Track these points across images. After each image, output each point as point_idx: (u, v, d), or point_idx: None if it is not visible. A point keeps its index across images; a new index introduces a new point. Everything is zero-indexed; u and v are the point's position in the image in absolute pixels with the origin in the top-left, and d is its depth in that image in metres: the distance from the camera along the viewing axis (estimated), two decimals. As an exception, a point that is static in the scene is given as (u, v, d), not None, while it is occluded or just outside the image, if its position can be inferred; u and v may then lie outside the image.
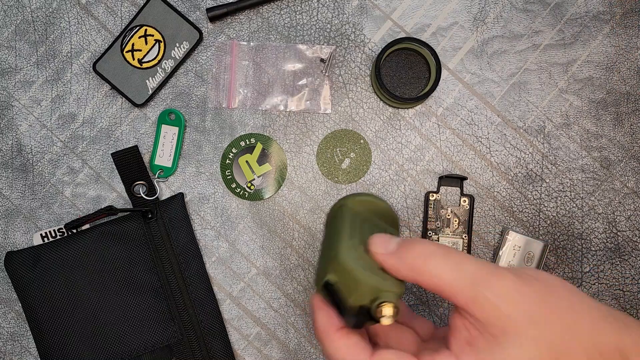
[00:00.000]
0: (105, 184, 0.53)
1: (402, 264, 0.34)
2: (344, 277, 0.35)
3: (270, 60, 0.53)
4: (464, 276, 0.33)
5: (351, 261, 0.35)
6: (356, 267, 0.35)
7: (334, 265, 0.35)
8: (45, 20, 0.54)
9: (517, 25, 0.53)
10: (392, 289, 0.34)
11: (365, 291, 0.34)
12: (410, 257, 0.34)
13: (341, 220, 0.38)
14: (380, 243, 0.36)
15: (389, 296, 0.34)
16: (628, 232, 0.52)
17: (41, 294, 0.50)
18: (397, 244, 0.35)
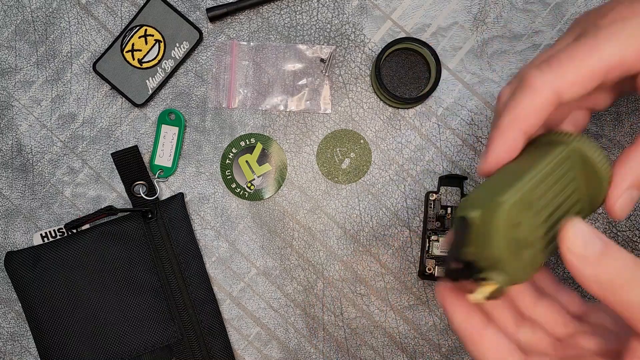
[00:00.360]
0: (105, 184, 0.53)
1: (594, 281, 0.28)
2: (485, 227, 0.29)
3: (270, 60, 0.53)
4: None
5: (506, 219, 0.29)
6: (503, 230, 0.29)
7: (489, 207, 0.29)
8: (45, 20, 0.54)
9: (517, 25, 0.53)
10: (510, 274, 0.29)
11: (486, 256, 0.29)
12: (610, 275, 0.28)
13: (550, 163, 0.32)
14: (580, 241, 0.29)
15: (499, 279, 0.29)
16: (628, 232, 0.52)
17: (41, 294, 0.50)
18: (601, 251, 0.28)
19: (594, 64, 0.32)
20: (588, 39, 0.32)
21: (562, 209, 0.32)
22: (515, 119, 0.32)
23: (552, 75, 0.32)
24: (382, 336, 0.52)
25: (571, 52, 0.32)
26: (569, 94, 0.32)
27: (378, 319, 0.52)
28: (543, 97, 0.32)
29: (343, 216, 0.53)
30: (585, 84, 0.32)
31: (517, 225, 0.29)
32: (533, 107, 0.32)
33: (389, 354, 0.52)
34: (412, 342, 0.52)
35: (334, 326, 0.53)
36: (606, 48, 0.31)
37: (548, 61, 0.33)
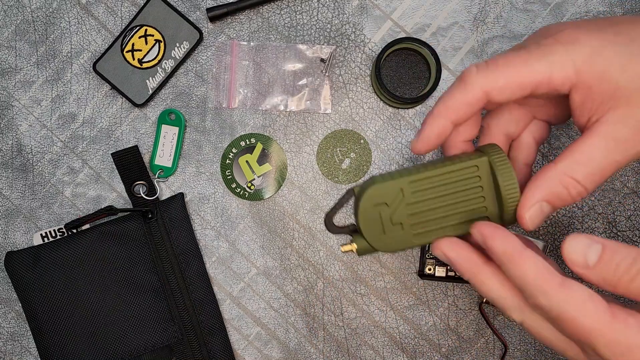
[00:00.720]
0: (105, 184, 0.53)
1: (603, 284, 0.31)
2: (357, 200, 0.37)
3: (271, 60, 0.53)
4: None
5: (368, 198, 0.37)
6: (364, 205, 0.37)
7: (364, 186, 0.38)
8: (45, 20, 0.54)
9: (517, 25, 0.53)
10: (370, 240, 0.37)
11: (356, 221, 0.38)
12: (614, 278, 0.31)
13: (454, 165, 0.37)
14: (577, 254, 0.32)
15: (358, 241, 0.38)
16: (628, 232, 0.52)
17: (41, 294, 0.50)
18: (598, 255, 0.31)
19: (523, 76, 0.35)
20: (525, 53, 0.35)
21: (456, 207, 0.37)
22: (446, 109, 0.36)
23: (485, 77, 0.35)
24: (382, 336, 0.52)
25: (508, 60, 0.35)
26: (497, 97, 0.36)
27: (378, 319, 0.52)
28: (473, 93, 0.36)
29: (343, 216, 0.53)
30: (514, 91, 0.35)
31: (381, 204, 0.37)
32: (463, 100, 0.36)
33: (389, 354, 0.52)
34: (412, 342, 0.52)
35: (334, 326, 0.53)
36: (536, 64, 0.35)
37: (487, 62, 0.36)
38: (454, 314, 0.52)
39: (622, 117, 0.34)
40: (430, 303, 0.52)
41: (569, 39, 0.35)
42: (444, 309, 0.52)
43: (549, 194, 0.35)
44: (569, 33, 0.35)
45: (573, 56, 0.34)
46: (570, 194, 0.35)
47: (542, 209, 0.36)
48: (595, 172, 0.35)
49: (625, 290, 0.31)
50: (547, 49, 0.35)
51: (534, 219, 0.36)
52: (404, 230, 0.37)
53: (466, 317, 0.52)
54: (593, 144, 0.34)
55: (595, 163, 0.34)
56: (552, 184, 0.35)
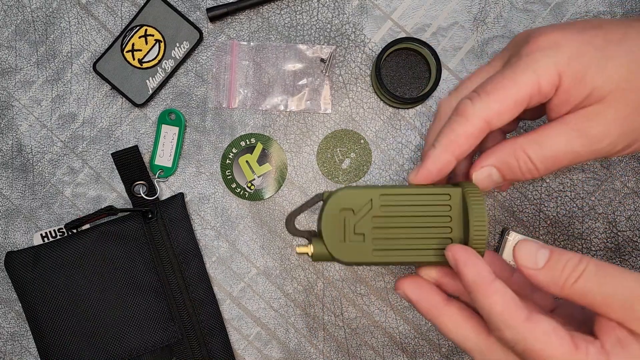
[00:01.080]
0: (105, 184, 0.53)
1: (552, 284, 0.33)
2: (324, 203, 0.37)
3: (271, 60, 0.53)
4: (619, 294, 0.31)
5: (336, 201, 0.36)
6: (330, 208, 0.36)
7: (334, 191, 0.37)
8: (45, 20, 0.54)
9: (517, 25, 0.53)
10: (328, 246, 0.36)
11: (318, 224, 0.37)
12: (561, 278, 0.32)
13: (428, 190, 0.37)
14: (527, 256, 0.34)
15: (316, 245, 0.36)
16: (628, 232, 0.52)
17: (41, 293, 0.50)
18: (546, 258, 0.33)
19: (515, 94, 0.35)
20: (509, 70, 0.36)
21: (421, 232, 0.36)
22: (449, 144, 0.36)
23: (481, 106, 0.35)
24: (382, 336, 0.52)
25: (496, 83, 0.36)
26: (497, 122, 0.36)
27: (378, 319, 0.52)
28: (474, 125, 0.36)
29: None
30: (511, 111, 0.35)
31: (347, 210, 0.36)
32: (465, 134, 0.36)
33: (389, 354, 0.52)
34: (412, 342, 0.52)
35: (334, 326, 0.53)
36: (524, 78, 0.35)
37: (478, 92, 0.36)
38: (454, 314, 0.52)
39: (591, 113, 0.35)
40: (430, 303, 0.52)
41: (548, 44, 0.35)
42: (444, 309, 0.52)
43: (499, 162, 0.36)
44: (547, 37, 0.36)
45: (554, 60, 0.35)
46: (520, 167, 0.36)
47: (490, 174, 0.37)
48: (549, 155, 0.36)
49: (570, 291, 0.32)
50: (530, 59, 0.35)
51: (479, 180, 0.37)
52: (364, 242, 0.36)
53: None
54: (556, 129, 0.36)
55: (552, 147, 0.36)
56: (506, 153, 0.36)
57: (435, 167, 0.36)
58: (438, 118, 0.41)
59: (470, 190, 0.36)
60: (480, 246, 0.35)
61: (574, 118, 0.36)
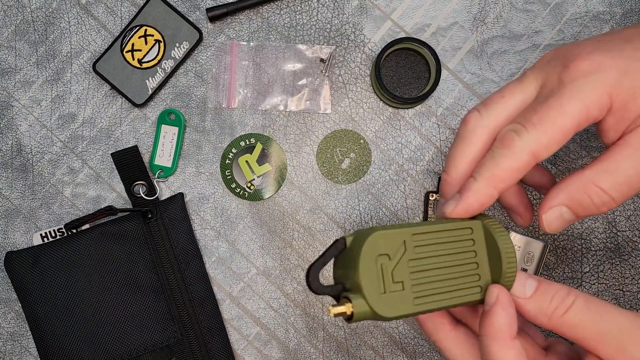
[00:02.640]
0: (105, 184, 0.53)
1: (540, 314, 0.33)
2: (354, 250, 0.32)
3: (270, 60, 0.53)
4: (608, 330, 0.31)
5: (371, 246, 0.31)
6: (366, 254, 0.31)
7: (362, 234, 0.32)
8: (45, 20, 0.54)
9: (517, 25, 0.53)
10: (370, 302, 0.31)
11: (350, 276, 0.32)
12: (550, 308, 0.32)
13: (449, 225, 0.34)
14: (517, 285, 0.34)
15: (357, 302, 0.31)
16: (628, 232, 0.52)
17: (41, 294, 0.50)
18: (534, 288, 0.33)
19: (563, 125, 0.33)
20: (554, 100, 0.34)
21: (451, 272, 0.34)
22: (493, 178, 0.34)
23: (529, 139, 0.34)
24: (382, 336, 0.52)
25: (541, 114, 0.34)
26: (544, 154, 0.34)
27: (378, 319, 0.52)
28: (521, 160, 0.34)
29: (343, 216, 0.53)
30: (559, 142, 0.34)
31: (383, 256, 0.32)
32: (511, 169, 0.34)
33: (389, 354, 0.52)
34: (412, 342, 0.52)
35: (334, 326, 0.53)
36: (571, 107, 0.33)
37: (523, 124, 0.34)
38: (454, 314, 0.52)
39: None
40: (430, 303, 0.52)
41: (592, 67, 0.34)
42: (444, 309, 0.52)
43: (570, 200, 0.35)
44: (589, 61, 0.34)
45: (603, 84, 0.34)
46: (594, 202, 0.34)
47: (561, 214, 0.35)
48: (622, 181, 0.34)
49: (558, 322, 0.32)
50: (575, 87, 0.34)
51: (550, 222, 0.35)
52: (404, 291, 0.32)
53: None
54: (623, 154, 0.34)
55: (623, 172, 0.34)
56: (575, 189, 0.35)
57: (477, 201, 0.34)
58: (464, 137, 0.37)
59: (492, 223, 0.34)
60: (511, 282, 0.34)
61: (636, 137, 0.34)
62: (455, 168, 0.37)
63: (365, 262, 0.31)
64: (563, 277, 0.52)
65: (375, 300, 0.31)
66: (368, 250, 0.31)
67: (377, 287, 0.31)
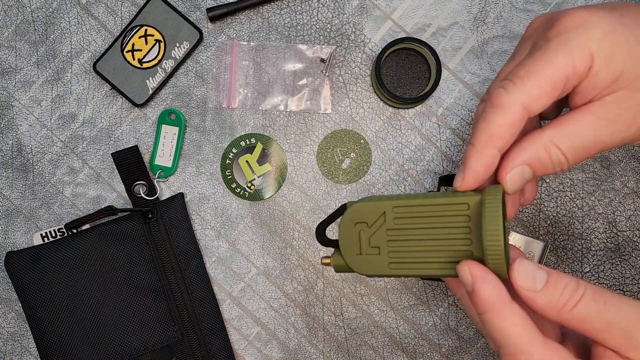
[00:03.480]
0: (105, 184, 0.53)
1: (549, 308, 0.32)
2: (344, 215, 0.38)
3: (271, 60, 0.53)
4: (617, 320, 0.31)
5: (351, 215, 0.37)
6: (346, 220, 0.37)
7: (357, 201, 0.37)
8: (45, 20, 0.54)
9: (517, 25, 0.53)
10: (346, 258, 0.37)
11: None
12: (560, 302, 0.32)
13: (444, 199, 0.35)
14: (526, 277, 0.33)
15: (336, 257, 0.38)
16: (628, 232, 0.52)
17: (41, 294, 0.50)
18: (544, 281, 0.32)
19: (551, 75, 0.33)
20: (540, 52, 0.34)
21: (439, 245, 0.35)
22: (490, 138, 0.34)
23: (517, 92, 0.33)
24: (382, 336, 0.52)
25: (529, 67, 0.34)
26: (536, 107, 0.34)
27: (378, 319, 0.52)
28: (513, 113, 0.33)
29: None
30: (549, 94, 0.33)
31: (362, 224, 0.36)
32: (505, 124, 0.34)
33: (389, 354, 0.52)
34: (412, 342, 0.52)
35: (334, 326, 0.53)
36: (558, 59, 0.33)
37: (510, 79, 0.34)
38: (454, 314, 0.52)
39: (617, 99, 0.34)
40: (430, 303, 0.52)
41: (578, 23, 0.33)
42: (444, 309, 0.52)
43: (532, 158, 0.34)
44: (576, 16, 0.34)
45: (586, 38, 0.33)
46: (552, 161, 0.35)
47: (522, 173, 0.35)
48: (579, 146, 0.34)
49: (569, 316, 0.32)
50: (561, 40, 0.33)
51: (514, 182, 0.35)
52: (380, 255, 0.36)
53: (466, 317, 0.52)
54: (583, 119, 0.34)
55: (581, 138, 0.34)
56: (537, 148, 0.34)
57: (481, 165, 0.34)
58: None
59: (489, 198, 0.33)
60: (496, 261, 0.33)
61: (600, 106, 0.34)
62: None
63: (345, 227, 0.37)
64: (563, 277, 0.52)
65: (350, 258, 0.37)
66: (347, 217, 0.37)
67: (353, 248, 0.37)
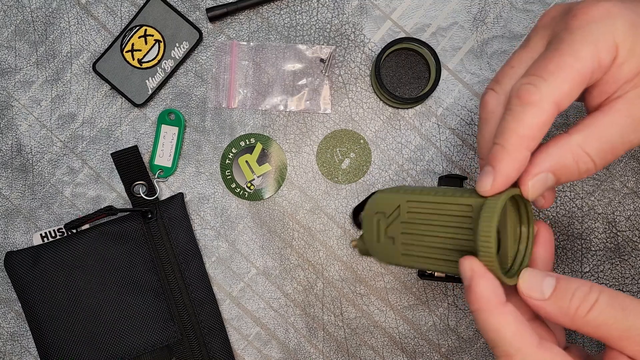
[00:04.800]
0: (105, 184, 0.53)
1: (561, 315, 0.31)
2: None
3: (270, 60, 0.53)
4: (633, 326, 0.30)
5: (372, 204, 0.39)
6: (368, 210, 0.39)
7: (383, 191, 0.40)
8: (45, 20, 0.54)
9: (517, 25, 0.53)
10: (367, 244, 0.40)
11: None
12: (571, 308, 0.31)
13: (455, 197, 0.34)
14: (533, 286, 0.32)
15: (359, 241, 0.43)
16: (628, 232, 0.52)
17: (41, 294, 0.50)
18: (552, 288, 0.31)
19: (580, 69, 0.32)
20: (566, 45, 0.32)
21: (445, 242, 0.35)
22: (522, 139, 0.32)
23: (549, 88, 0.32)
24: (382, 336, 0.52)
25: (557, 61, 0.32)
26: (566, 103, 0.32)
27: (378, 319, 0.52)
28: (545, 111, 0.32)
29: (343, 216, 0.53)
30: (578, 89, 0.32)
31: (380, 214, 0.39)
32: (537, 124, 0.32)
33: (388, 354, 0.52)
34: (412, 342, 0.52)
35: (334, 326, 0.53)
36: (584, 52, 0.32)
37: (539, 74, 0.32)
38: (454, 314, 0.52)
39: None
40: (430, 303, 0.52)
41: (602, 13, 0.32)
42: (444, 309, 0.52)
43: (556, 165, 0.33)
44: (599, 7, 0.32)
45: (611, 29, 0.32)
46: (579, 168, 0.33)
47: (546, 180, 0.33)
48: (607, 148, 0.33)
49: (583, 323, 0.30)
50: (585, 31, 0.32)
51: (536, 189, 0.33)
52: (394, 245, 0.38)
53: (466, 317, 0.52)
54: (609, 119, 0.33)
55: (609, 139, 0.33)
56: (563, 154, 0.33)
57: (513, 169, 0.32)
58: (488, 119, 0.36)
59: (491, 201, 0.32)
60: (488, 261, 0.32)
61: (625, 103, 0.33)
62: (487, 150, 0.35)
63: (367, 215, 0.40)
64: (563, 277, 0.52)
65: (370, 244, 0.40)
66: (369, 206, 0.39)
67: (373, 235, 0.39)
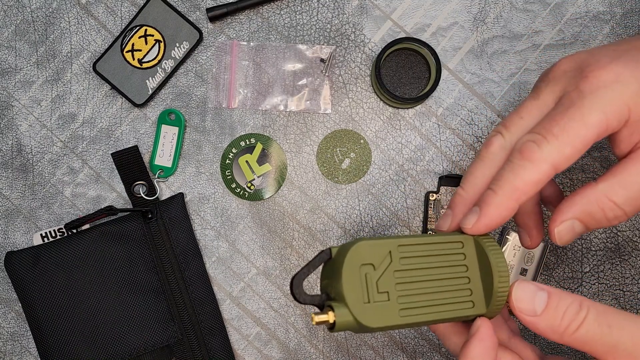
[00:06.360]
0: (105, 184, 0.53)
1: (551, 332, 0.32)
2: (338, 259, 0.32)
3: (270, 60, 0.53)
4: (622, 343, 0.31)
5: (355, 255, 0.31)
6: (350, 263, 0.31)
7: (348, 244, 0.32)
8: (45, 20, 0.54)
9: (517, 25, 0.53)
10: (354, 312, 0.31)
11: (334, 285, 0.31)
12: (562, 326, 0.32)
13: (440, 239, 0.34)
14: (525, 300, 0.33)
15: (340, 311, 0.31)
16: (628, 232, 0.52)
17: (41, 294, 0.50)
18: (544, 303, 0.32)
19: (585, 136, 0.33)
20: (575, 110, 0.33)
21: (442, 285, 0.33)
22: (514, 190, 0.33)
23: (550, 150, 0.33)
24: (382, 336, 0.52)
25: (563, 125, 0.33)
26: (565, 165, 0.34)
27: (378, 319, 0.52)
28: (542, 171, 0.33)
29: (343, 216, 0.53)
30: (579, 153, 0.34)
31: (367, 265, 0.31)
32: (532, 181, 0.33)
33: (389, 354, 0.52)
34: (412, 342, 0.52)
35: (334, 326, 0.53)
36: (592, 119, 0.33)
37: (543, 134, 0.33)
38: (454, 314, 0.52)
39: None
40: (430, 303, 0.52)
41: (612, 78, 0.34)
42: (444, 309, 0.52)
43: (582, 213, 0.34)
44: (608, 70, 0.34)
45: (623, 95, 0.33)
46: (607, 216, 0.34)
47: (573, 227, 0.35)
48: (636, 196, 0.34)
49: (571, 340, 0.32)
50: (595, 97, 0.33)
51: (562, 236, 0.35)
52: (390, 301, 0.32)
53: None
54: (635, 168, 0.34)
55: (637, 187, 0.34)
56: (589, 203, 0.34)
57: (499, 215, 0.34)
58: (487, 158, 0.37)
59: (484, 237, 0.34)
60: (502, 299, 0.33)
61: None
62: (473, 186, 0.36)
63: (349, 271, 0.31)
64: (563, 277, 0.52)
65: (358, 309, 0.31)
66: (351, 258, 0.31)
67: (360, 296, 0.31)
